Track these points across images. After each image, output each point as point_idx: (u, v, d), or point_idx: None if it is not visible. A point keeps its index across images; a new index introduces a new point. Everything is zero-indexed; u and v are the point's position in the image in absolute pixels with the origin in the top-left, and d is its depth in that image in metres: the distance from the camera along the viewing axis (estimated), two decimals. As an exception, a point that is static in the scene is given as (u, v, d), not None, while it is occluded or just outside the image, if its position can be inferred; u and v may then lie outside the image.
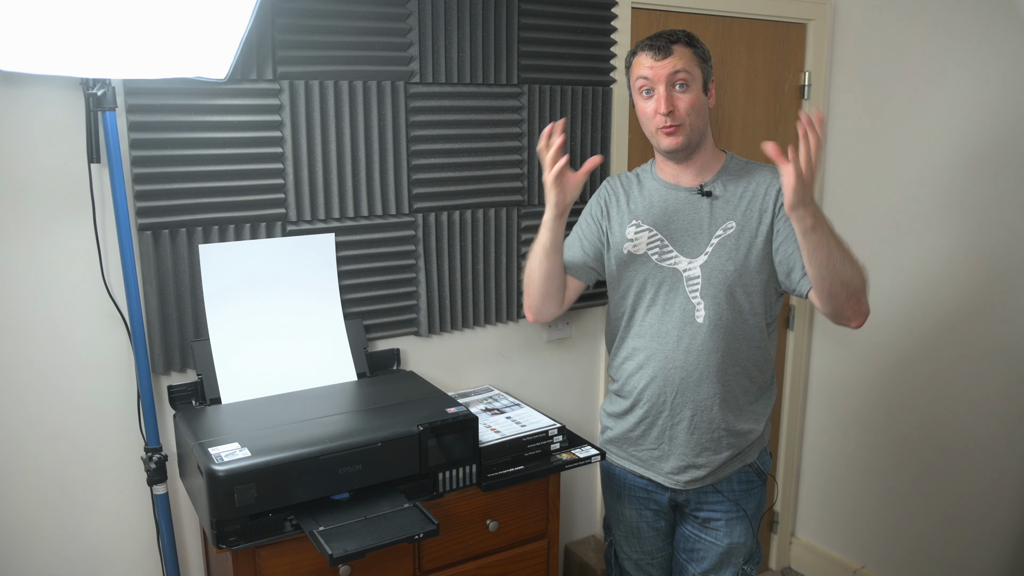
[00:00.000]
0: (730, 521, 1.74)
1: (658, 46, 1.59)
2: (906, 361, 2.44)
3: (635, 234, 1.70)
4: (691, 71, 1.59)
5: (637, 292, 1.69)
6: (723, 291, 1.62)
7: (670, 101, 1.58)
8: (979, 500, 2.30)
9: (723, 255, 1.62)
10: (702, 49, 1.63)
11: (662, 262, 1.66)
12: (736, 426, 1.69)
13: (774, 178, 1.65)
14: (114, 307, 1.61)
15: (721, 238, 1.62)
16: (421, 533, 1.40)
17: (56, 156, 1.53)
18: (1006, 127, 2.14)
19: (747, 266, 1.62)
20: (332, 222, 1.81)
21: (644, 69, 1.61)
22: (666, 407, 1.69)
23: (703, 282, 1.63)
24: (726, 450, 1.69)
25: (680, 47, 1.59)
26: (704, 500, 1.74)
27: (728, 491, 1.73)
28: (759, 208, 1.63)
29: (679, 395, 1.67)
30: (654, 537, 1.83)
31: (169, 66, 1.47)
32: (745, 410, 1.70)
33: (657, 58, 1.59)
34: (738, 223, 1.63)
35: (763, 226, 1.63)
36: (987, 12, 2.15)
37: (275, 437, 1.45)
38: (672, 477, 1.72)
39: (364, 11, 1.75)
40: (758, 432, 1.72)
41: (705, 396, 1.66)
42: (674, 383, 1.67)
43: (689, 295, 1.64)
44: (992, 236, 2.20)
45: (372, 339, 1.91)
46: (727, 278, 1.62)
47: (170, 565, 1.69)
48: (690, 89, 1.59)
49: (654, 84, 1.60)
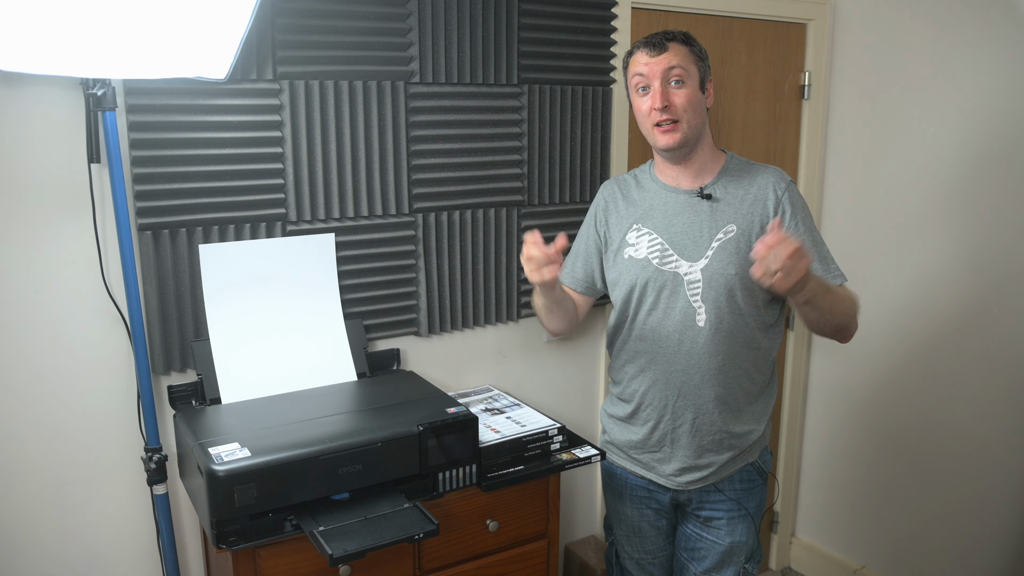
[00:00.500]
0: (732, 520, 1.74)
1: (653, 43, 1.60)
2: (906, 361, 2.44)
3: (636, 238, 1.70)
4: (687, 68, 1.59)
5: (639, 296, 1.69)
6: (724, 294, 1.62)
7: (665, 96, 1.58)
8: (979, 500, 2.30)
9: (724, 258, 1.61)
10: (698, 48, 1.63)
11: (663, 266, 1.66)
12: (737, 428, 1.69)
13: (776, 181, 1.65)
14: (114, 307, 1.61)
15: (722, 241, 1.62)
16: (421, 533, 1.40)
17: (56, 156, 1.53)
18: (1006, 127, 2.14)
19: (748, 269, 1.61)
20: (332, 222, 1.81)
21: (640, 66, 1.61)
22: (668, 410, 1.69)
23: (704, 286, 1.62)
24: (727, 451, 1.69)
25: (676, 44, 1.60)
26: (706, 499, 1.74)
27: (730, 490, 1.73)
28: (760, 212, 1.63)
29: (680, 398, 1.67)
30: (655, 536, 1.83)
31: (169, 66, 1.47)
32: (746, 411, 1.70)
33: (652, 54, 1.59)
34: (739, 226, 1.62)
35: (754, 231, 1.62)
36: (987, 12, 2.15)
37: (275, 437, 1.45)
38: (674, 479, 1.72)
39: (364, 11, 1.75)
40: (759, 432, 1.72)
41: (706, 399, 1.66)
42: (675, 387, 1.67)
43: (690, 299, 1.63)
44: (992, 237, 2.20)
45: (372, 339, 1.91)
46: (728, 281, 1.61)
47: (170, 565, 1.69)
48: (686, 85, 1.59)
49: (649, 80, 1.60)
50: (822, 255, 1.66)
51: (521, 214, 2.05)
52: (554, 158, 2.07)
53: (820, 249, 1.66)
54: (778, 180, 1.66)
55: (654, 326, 1.67)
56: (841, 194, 2.58)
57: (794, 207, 1.64)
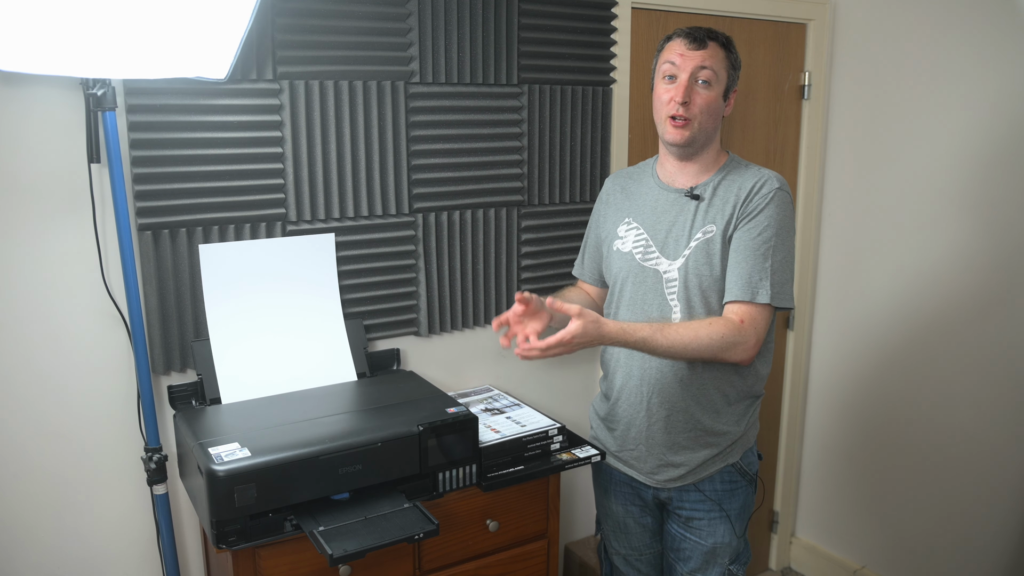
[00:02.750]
0: (712, 521, 1.73)
1: (695, 36, 1.58)
2: (906, 361, 2.44)
3: (624, 232, 1.71)
4: (718, 72, 1.58)
5: (620, 289, 1.71)
6: (697, 295, 1.61)
7: (688, 92, 1.57)
8: (979, 500, 2.30)
9: (700, 259, 1.61)
10: (735, 56, 1.62)
11: (644, 262, 1.67)
12: (714, 427, 1.67)
13: (761, 180, 1.60)
14: (114, 307, 1.61)
15: (700, 241, 1.61)
16: (421, 533, 1.40)
17: (56, 156, 1.53)
18: (1006, 126, 2.14)
19: (722, 271, 1.60)
20: (332, 222, 1.81)
21: (674, 55, 1.59)
22: (643, 406, 1.69)
23: (680, 285, 1.63)
24: (703, 448, 1.68)
25: (716, 45, 1.59)
26: (685, 499, 1.73)
27: (710, 491, 1.72)
28: (731, 212, 1.60)
29: (655, 395, 1.67)
30: (641, 533, 1.83)
31: (169, 66, 1.47)
32: (723, 411, 1.68)
33: (691, 47, 1.58)
34: (717, 227, 1.61)
35: (728, 231, 1.60)
36: (987, 11, 2.15)
37: (275, 437, 1.45)
38: (652, 476, 1.73)
39: (364, 11, 1.75)
40: (738, 433, 1.70)
41: (681, 397, 1.65)
42: (650, 383, 1.67)
43: (667, 297, 1.64)
44: (993, 236, 2.20)
45: (372, 339, 1.91)
46: (702, 282, 1.61)
47: (170, 565, 1.69)
48: (711, 89, 1.58)
49: (679, 71, 1.58)
50: (755, 267, 1.55)
51: (521, 214, 2.05)
52: (554, 158, 2.07)
53: (758, 261, 1.55)
54: (762, 180, 1.60)
55: (632, 320, 1.67)
56: (841, 194, 2.58)
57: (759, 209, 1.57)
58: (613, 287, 1.74)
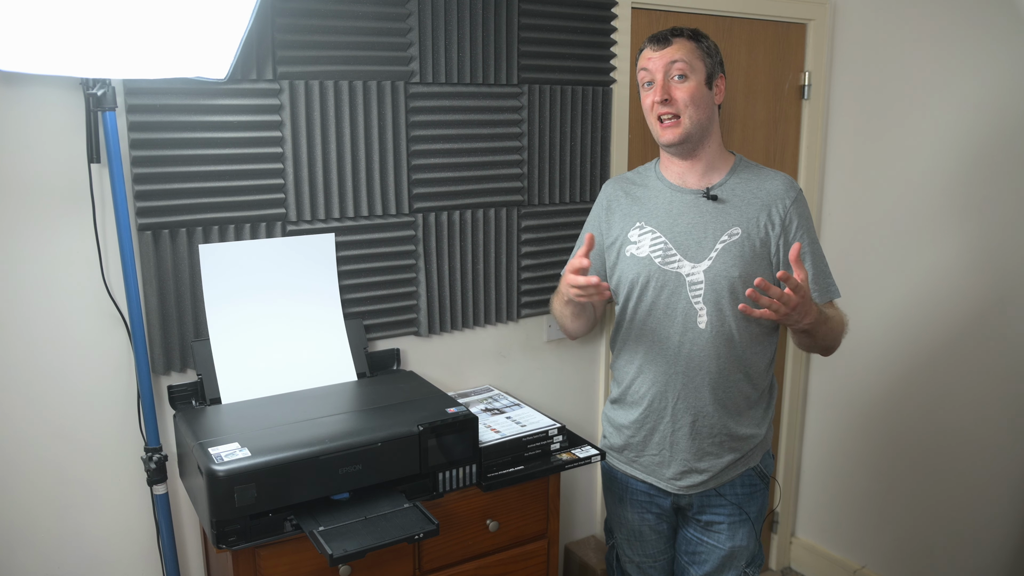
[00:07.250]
0: (732, 524, 1.73)
1: (658, 37, 1.62)
2: (906, 361, 2.44)
3: (638, 236, 1.69)
4: (691, 63, 1.59)
5: (639, 295, 1.68)
6: (726, 297, 1.61)
7: (666, 90, 1.59)
8: (979, 500, 2.30)
9: (728, 261, 1.61)
10: (707, 44, 1.63)
11: (665, 265, 1.65)
12: (738, 431, 1.68)
13: (787, 189, 1.65)
14: (114, 307, 1.61)
15: (726, 243, 1.61)
16: (421, 533, 1.40)
17: (56, 156, 1.53)
18: (1007, 128, 2.14)
19: (751, 273, 1.60)
20: (332, 222, 1.81)
21: (645, 61, 1.63)
22: (667, 413, 1.68)
23: (706, 287, 1.62)
24: (728, 454, 1.69)
25: (681, 40, 1.61)
26: (707, 503, 1.73)
27: (731, 494, 1.72)
28: (767, 220, 1.63)
29: (680, 401, 1.66)
30: (656, 540, 1.83)
31: (169, 66, 1.47)
32: (746, 414, 1.69)
33: (656, 49, 1.61)
34: (744, 229, 1.62)
35: (770, 240, 1.63)
36: (987, 12, 2.15)
37: (275, 437, 1.45)
38: (674, 483, 1.72)
39: (364, 11, 1.75)
40: (760, 436, 1.71)
41: (707, 402, 1.65)
42: (675, 389, 1.66)
43: (692, 300, 1.63)
44: (994, 237, 2.20)
45: (372, 339, 1.91)
46: (731, 284, 1.60)
47: (170, 565, 1.69)
48: (689, 80, 1.59)
49: (653, 75, 1.61)
50: (820, 270, 1.67)
51: (521, 214, 2.05)
52: (554, 158, 2.07)
53: (819, 264, 1.67)
54: (788, 189, 1.66)
55: (654, 327, 1.67)
56: (841, 194, 2.58)
57: (800, 218, 1.65)
58: (630, 292, 1.70)
